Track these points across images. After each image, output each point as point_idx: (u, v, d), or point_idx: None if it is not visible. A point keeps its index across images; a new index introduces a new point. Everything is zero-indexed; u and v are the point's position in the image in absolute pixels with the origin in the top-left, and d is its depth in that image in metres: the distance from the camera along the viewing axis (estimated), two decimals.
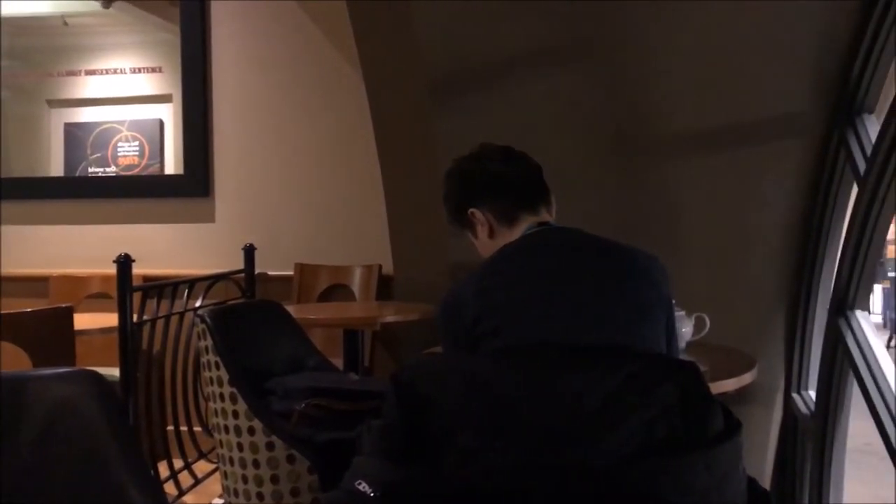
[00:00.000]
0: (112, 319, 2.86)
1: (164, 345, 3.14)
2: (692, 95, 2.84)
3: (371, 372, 3.69)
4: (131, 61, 4.60)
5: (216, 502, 3.19)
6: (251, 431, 2.11)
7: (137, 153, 4.57)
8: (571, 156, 2.89)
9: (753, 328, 3.06)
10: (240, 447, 2.13)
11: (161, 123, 4.58)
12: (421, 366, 1.39)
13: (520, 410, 1.24)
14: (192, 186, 4.22)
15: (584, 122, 2.94)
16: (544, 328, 1.54)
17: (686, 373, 1.32)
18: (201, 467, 3.40)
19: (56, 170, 4.65)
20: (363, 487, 1.23)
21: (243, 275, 3.73)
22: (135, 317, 2.85)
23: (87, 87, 4.67)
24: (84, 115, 4.72)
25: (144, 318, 2.93)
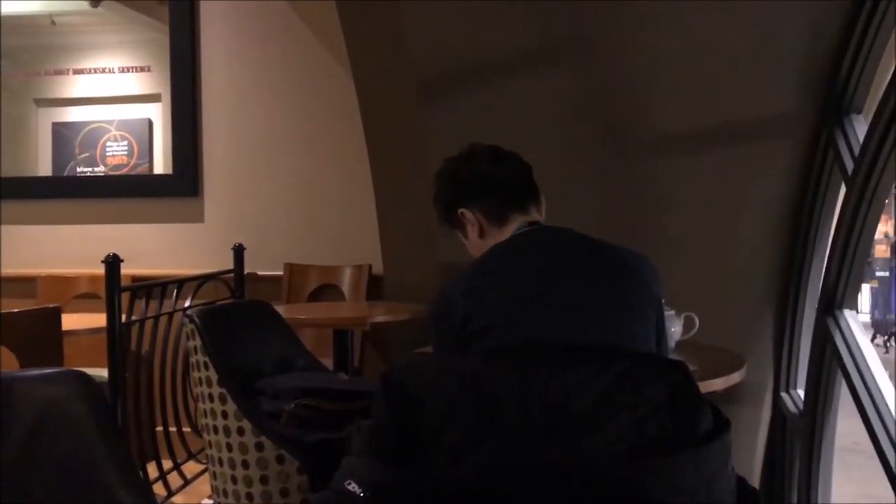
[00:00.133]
0: (100, 320, 2.85)
1: (153, 345, 3.13)
2: (681, 95, 2.85)
3: (361, 372, 3.69)
4: (120, 60, 4.58)
5: (205, 503, 3.18)
6: (240, 432, 2.10)
7: (126, 153, 4.55)
8: (561, 155, 2.89)
9: (742, 327, 3.07)
10: (229, 448, 2.12)
11: (150, 123, 4.56)
12: (411, 366, 1.39)
13: (510, 410, 1.24)
14: (181, 186, 4.20)
15: (574, 122, 2.94)
16: (534, 328, 1.54)
17: (675, 372, 1.32)
18: (191, 468, 3.39)
19: (44, 169, 4.63)
20: (353, 487, 1.22)
21: (232, 275, 3.72)
22: (123, 317, 2.84)
23: (76, 87, 4.64)
24: (72, 115, 4.69)
25: (133, 319, 2.92)
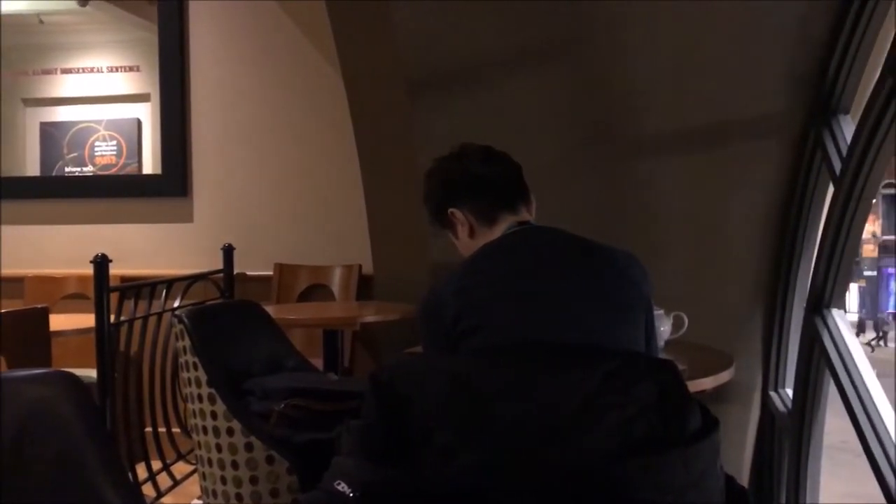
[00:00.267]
0: (89, 320, 2.84)
1: (142, 346, 3.12)
2: (670, 95, 2.86)
3: (351, 372, 3.69)
4: (108, 60, 4.56)
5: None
6: (230, 432, 2.10)
7: (115, 152, 4.54)
8: (550, 155, 2.90)
9: (731, 327, 3.08)
10: (218, 448, 2.11)
11: (139, 123, 4.54)
12: (400, 365, 1.39)
13: (499, 410, 1.24)
14: (171, 186, 4.19)
15: (563, 122, 2.95)
16: (524, 327, 1.54)
17: (664, 372, 1.33)
18: (180, 469, 3.38)
19: (32, 169, 4.61)
20: (342, 488, 1.22)
21: (222, 275, 3.71)
22: (112, 318, 2.83)
23: (64, 86, 4.63)
24: (60, 115, 4.68)
25: (122, 319, 2.91)
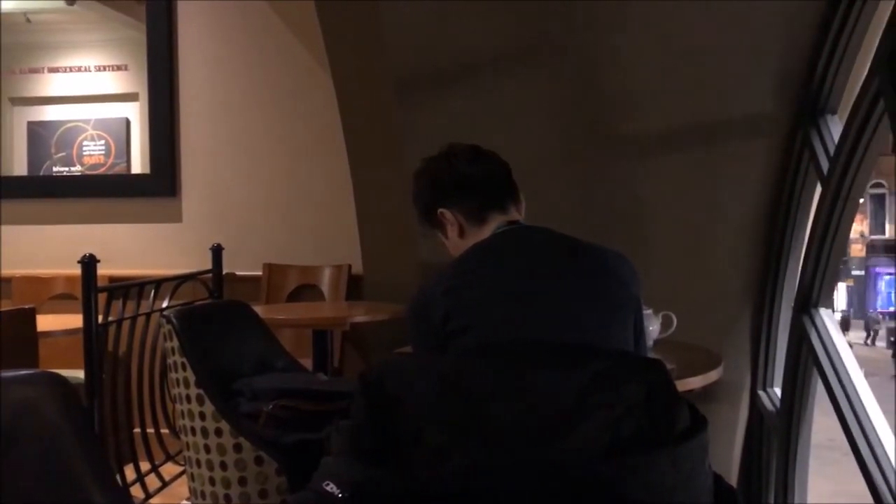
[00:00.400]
0: (77, 321, 2.82)
1: (131, 346, 3.10)
2: (658, 96, 2.86)
3: (341, 372, 3.68)
4: (96, 59, 4.54)
5: None
6: (218, 433, 2.09)
7: (103, 152, 4.52)
8: (539, 155, 2.90)
9: (720, 326, 3.09)
10: (207, 449, 2.11)
11: (127, 122, 4.52)
12: (390, 365, 1.38)
13: (488, 409, 1.24)
14: (159, 186, 4.17)
15: (552, 122, 2.95)
16: (513, 327, 1.54)
17: (652, 371, 1.33)
18: (169, 470, 3.36)
19: (19, 169, 4.58)
20: (331, 488, 1.22)
21: (211, 275, 3.69)
22: (100, 318, 2.81)
23: (51, 85, 4.60)
24: (48, 114, 4.65)
25: (110, 320, 2.89)
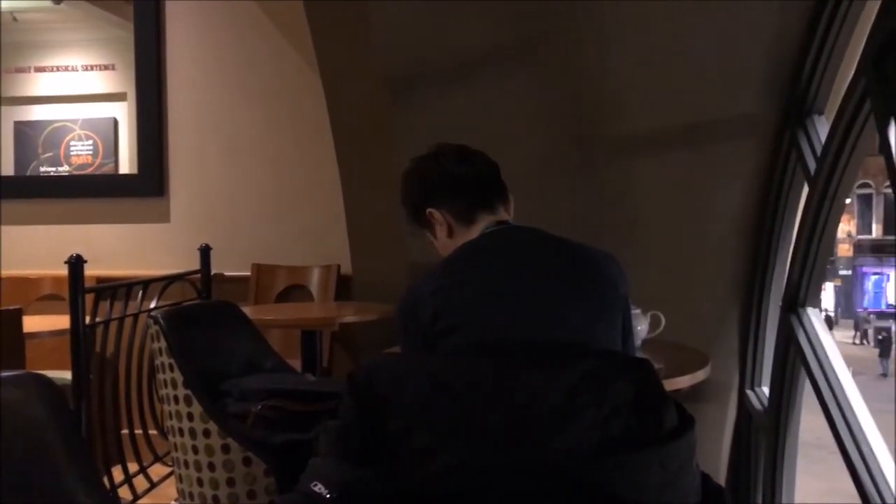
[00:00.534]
0: (64, 322, 2.80)
1: (118, 347, 3.09)
2: (647, 96, 2.87)
3: (330, 373, 3.67)
4: (83, 59, 4.52)
5: None
6: (206, 434, 2.08)
7: (91, 152, 4.50)
8: (528, 155, 2.91)
9: (708, 326, 3.10)
10: (195, 450, 2.10)
11: (115, 122, 4.50)
12: (378, 366, 1.38)
13: (477, 409, 1.24)
14: (147, 186, 4.16)
15: (541, 122, 2.95)
16: (501, 327, 1.54)
17: (640, 370, 1.33)
18: (157, 471, 3.35)
19: (6, 169, 4.55)
20: (319, 489, 1.22)
21: (199, 276, 3.68)
22: (87, 319, 2.80)
23: (38, 85, 4.58)
24: (35, 114, 4.62)
25: (97, 321, 2.88)
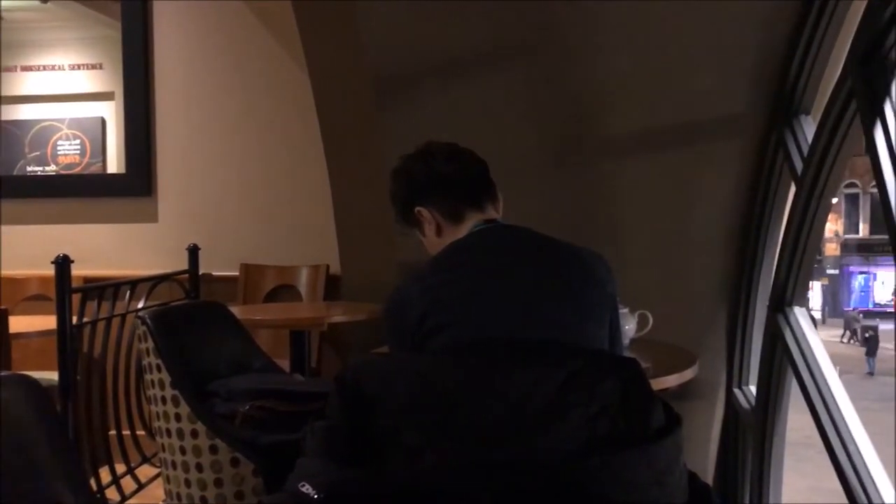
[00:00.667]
0: (51, 322, 2.79)
1: (106, 348, 3.07)
2: (635, 96, 2.88)
3: (319, 373, 3.67)
4: (70, 58, 4.49)
5: None
6: (194, 434, 2.08)
7: (78, 152, 4.47)
8: (517, 154, 2.91)
9: (695, 325, 3.11)
10: (182, 451, 2.09)
11: (103, 121, 4.48)
12: (366, 365, 1.38)
13: (465, 408, 1.25)
14: (135, 186, 4.14)
15: (529, 121, 2.96)
16: (489, 326, 1.54)
17: (628, 370, 1.34)
18: (145, 472, 3.33)
19: None
20: (307, 489, 1.22)
21: (187, 276, 3.67)
22: (74, 319, 2.78)
23: (24, 84, 4.55)
24: (22, 113, 4.59)
25: (84, 321, 2.86)
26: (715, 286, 3.12)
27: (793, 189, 2.68)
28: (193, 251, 3.69)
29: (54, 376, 2.73)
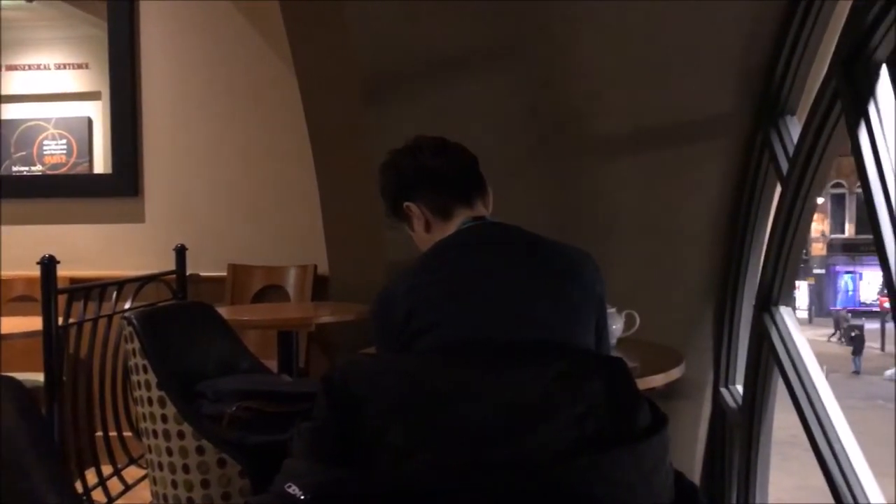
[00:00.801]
0: (36, 323, 2.78)
1: (92, 349, 3.06)
2: (622, 96, 2.89)
3: (307, 373, 3.66)
4: (56, 57, 4.47)
5: None
6: (181, 435, 2.07)
7: (65, 151, 4.45)
8: (504, 154, 2.91)
9: (682, 324, 3.12)
10: (169, 452, 2.08)
11: (89, 121, 4.46)
12: (353, 366, 1.38)
13: (452, 408, 1.25)
14: (122, 186, 4.12)
15: (517, 121, 2.96)
16: (476, 325, 1.53)
17: (614, 369, 1.34)
18: (132, 473, 3.32)
19: None
20: (293, 490, 1.21)
21: (174, 276, 3.65)
22: (60, 320, 2.77)
23: (10, 84, 4.51)
24: (7, 112, 4.56)
25: (70, 322, 2.85)
26: (701, 286, 3.14)
27: (779, 189, 2.70)
28: (181, 251, 3.68)
29: (40, 377, 2.72)
